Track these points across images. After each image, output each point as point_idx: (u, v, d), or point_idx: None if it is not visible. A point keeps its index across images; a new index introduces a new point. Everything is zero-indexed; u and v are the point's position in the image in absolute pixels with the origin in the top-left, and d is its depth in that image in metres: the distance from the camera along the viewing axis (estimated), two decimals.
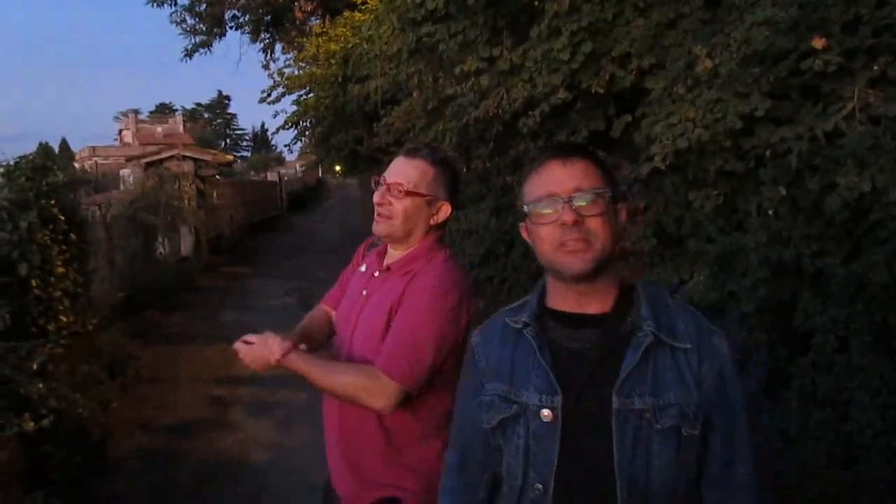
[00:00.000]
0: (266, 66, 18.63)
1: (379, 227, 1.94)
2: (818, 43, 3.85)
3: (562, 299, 1.37)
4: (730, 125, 4.43)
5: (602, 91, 5.89)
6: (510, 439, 1.34)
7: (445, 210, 1.97)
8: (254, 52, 25.69)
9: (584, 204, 1.29)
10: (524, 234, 1.42)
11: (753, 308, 4.54)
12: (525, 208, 1.35)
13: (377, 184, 1.97)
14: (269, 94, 17.76)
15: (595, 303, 1.34)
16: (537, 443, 1.30)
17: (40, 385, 4.35)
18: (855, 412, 3.79)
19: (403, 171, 1.92)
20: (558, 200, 1.29)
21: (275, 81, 18.01)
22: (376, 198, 1.93)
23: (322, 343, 2.11)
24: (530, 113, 6.38)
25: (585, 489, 1.27)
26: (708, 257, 5.10)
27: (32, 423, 4.02)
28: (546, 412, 1.28)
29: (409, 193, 1.89)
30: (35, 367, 4.39)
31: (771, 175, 4.42)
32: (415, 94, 9.89)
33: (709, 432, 1.30)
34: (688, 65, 4.79)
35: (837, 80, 4.01)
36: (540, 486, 1.29)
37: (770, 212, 4.51)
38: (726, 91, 4.51)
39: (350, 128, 16.93)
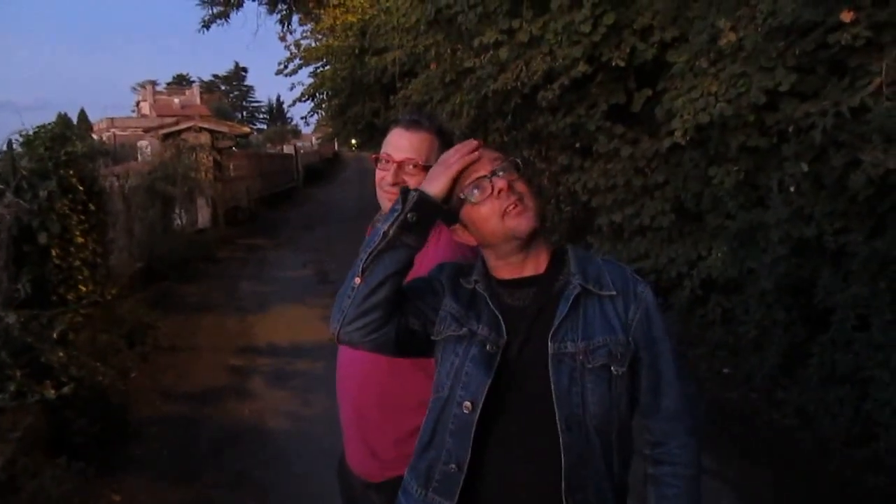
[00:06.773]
0: (283, 38, 18.46)
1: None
2: (846, 16, 3.77)
3: (500, 269, 1.52)
4: (753, 100, 4.37)
5: (623, 64, 5.82)
6: (447, 357, 1.49)
7: None
8: (271, 24, 25.50)
9: (503, 173, 1.45)
10: (459, 232, 1.55)
11: (773, 285, 4.51)
12: (463, 197, 1.48)
13: (379, 161, 1.87)
14: (286, 66, 17.66)
15: (530, 266, 1.50)
16: (473, 366, 1.44)
17: (61, 353, 4.41)
18: (875, 390, 3.77)
19: (411, 145, 1.84)
20: (485, 178, 1.45)
21: (291, 53, 17.87)
22: (389, 178, 1.82)
23: None
24: (549, 86, 6.32)
25: (526, 421, 1.43)
26: (727, 233, 5.06)
27: (54, 391, 4.08)
28: (489, 346, 1.44)
29: (423, 169, 1.79)
30: (56, 335, 4.45)
31: (794, 151, 4.36)
32: (432, 67, 9.80)
33: (639, 367, 1.47)
34: (711, 38, 4.71)
35: (865, 55, 3.93)
36: (469, 403, 1.43)
37: (792, 188, 4.46)
38: (750, 65, 4.44)
39: (367, 100, 16.84)
